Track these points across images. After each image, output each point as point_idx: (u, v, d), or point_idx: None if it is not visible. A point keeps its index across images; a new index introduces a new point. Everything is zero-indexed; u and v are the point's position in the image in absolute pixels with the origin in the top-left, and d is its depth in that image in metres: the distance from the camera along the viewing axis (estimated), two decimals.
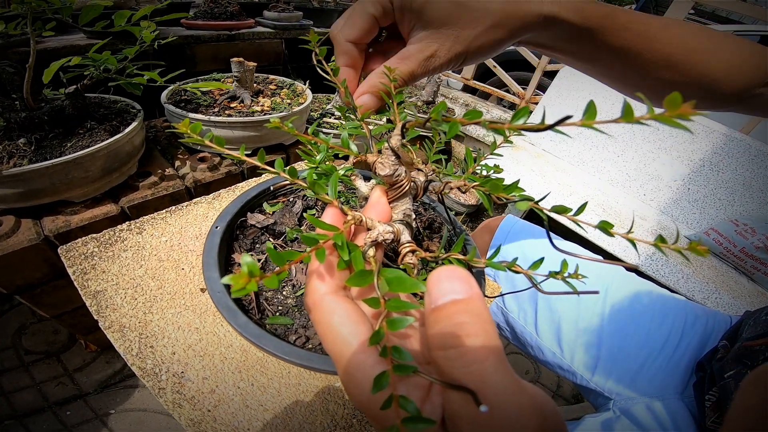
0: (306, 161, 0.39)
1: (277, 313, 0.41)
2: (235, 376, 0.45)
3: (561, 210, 0.31)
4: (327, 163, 0.39)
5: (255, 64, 1.04)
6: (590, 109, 0.18)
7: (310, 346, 0.39)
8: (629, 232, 0.29)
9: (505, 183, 0.33)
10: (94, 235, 0.56)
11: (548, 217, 0.33)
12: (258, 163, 0.32)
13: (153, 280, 0.52)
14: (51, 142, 0.76)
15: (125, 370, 1.17)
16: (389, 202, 0.34)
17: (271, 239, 0.47)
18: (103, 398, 1.11)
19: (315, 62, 0.39)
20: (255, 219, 0.48)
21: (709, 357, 0.61)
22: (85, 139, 0.77)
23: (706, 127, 1.45)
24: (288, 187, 0.54)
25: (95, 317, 0.48)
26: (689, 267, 1.27)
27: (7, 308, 1.26)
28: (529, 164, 1.67)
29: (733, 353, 0.55)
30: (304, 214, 0.52)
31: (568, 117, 0.17)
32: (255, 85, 1.14)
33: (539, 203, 0.32)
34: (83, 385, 1.12)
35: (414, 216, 0.36)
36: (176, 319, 0.49)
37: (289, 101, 1.13)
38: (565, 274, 0.30)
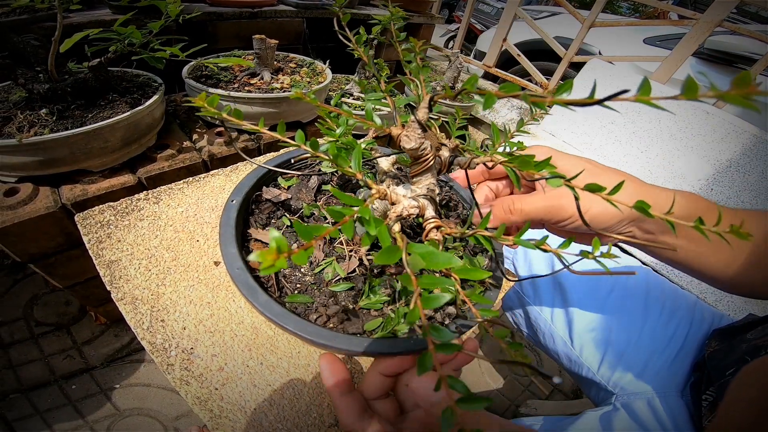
0: (326, 135, 0.38)
1: (296, 291, 0.40)
2: (245, 354, 0.44)
3: (594, 188, 0.29)
4: (347, 137, 0.39)
5: (276, 41, 1.03)
6: (645, 85, 0.17)
7: (332, 325, 0.38)
8: (669, 212, 0.26)
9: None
10: (111, 203, 0.55)
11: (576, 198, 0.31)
12: (279, 136, 0.31)
13: (167, 251, 0.51)
14: (73, 113, 0.76)
15: (132, 344, 1.18)
16: (412, 177, 0.34)
17: (287, 215, 0.46)
18: (109, 372, 1.12)
19: (336, 27, 0.39)
20: (270, 194, 0.46)
21: (705, 357, 0.62)
22: (106, 111, 0.77)
23: (737, 127, 1.39)
24: (303, 161, 0.53)
25: (108, 288, 0.47)
26: None
27: (21, 277, 1.27)
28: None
29: (738, 352, 0.55)
30: (325, 186, 0.51)
31: (624, 91, 0.16)
32: (275, 62, 1.14)
33: (571, 181, 0.30)
34: (90, 359, 1.14)
35: (438, 191, 0.34)
36: (188, 293, 0.48)
37: (308, 80, 1.12)
38: (597, 254, 0.28)
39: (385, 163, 0.40)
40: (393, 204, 0.30)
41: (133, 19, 0.73)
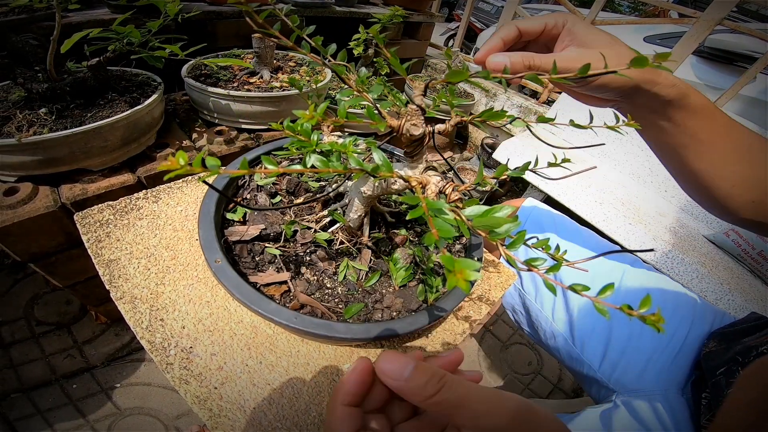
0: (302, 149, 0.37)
1: (340, 306, 0.40)
2: (244, 353, 0.44)
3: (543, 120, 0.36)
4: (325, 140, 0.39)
5: (276, 40, 1.03)
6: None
7: (395, 313, 0.39)
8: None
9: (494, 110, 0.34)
10: (111, 202, 0.55)
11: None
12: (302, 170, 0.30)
13: (167, 250, 0.51)
14: (72, 112, 0.76)
15: (133, 344, 1.18)
16: (412, 156, 0.37)
17: (267, 244, 0.45)
18: (109, 371, 1.12)
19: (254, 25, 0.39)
20: (236, 234, 0.44)
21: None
22: (105, 110, 0.77)
23: None
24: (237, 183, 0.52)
25: (107, 287, 0.47)
26: (704, 267, 1.23)
27: (21, 276, 1.27)
28: (548, 153, 1.64)
29: (731, 353, 0.55)
30: (275, 200, 0.50)
31: (612, 72, 0.25)
32: (275, 61, 1.14)
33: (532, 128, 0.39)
34: (91, 358, 1.14)
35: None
36: (188, 292, 0.48)
37: (308, 78, 1.12)
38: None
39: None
40: (425, 186, 0.34)
41: (131, 19, 0.72)
